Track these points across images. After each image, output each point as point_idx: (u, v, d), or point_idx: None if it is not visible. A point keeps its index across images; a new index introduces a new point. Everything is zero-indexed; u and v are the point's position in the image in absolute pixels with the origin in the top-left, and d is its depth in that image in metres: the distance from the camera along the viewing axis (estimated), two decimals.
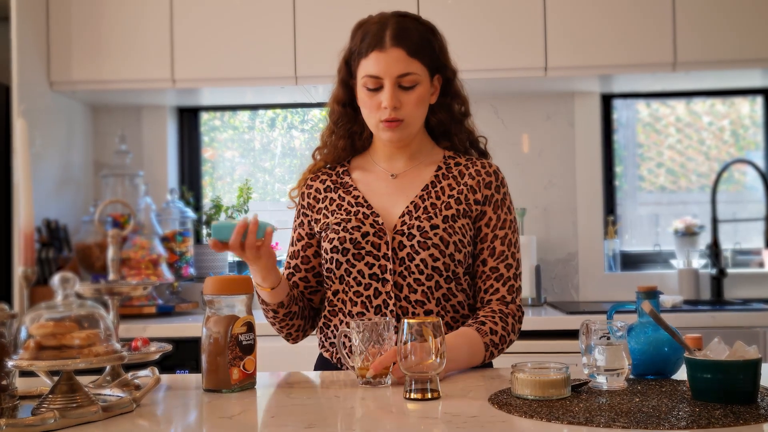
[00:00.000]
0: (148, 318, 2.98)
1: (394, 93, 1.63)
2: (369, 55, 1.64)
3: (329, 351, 1.74)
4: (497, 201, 1.73)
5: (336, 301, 1.71)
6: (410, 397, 1.32)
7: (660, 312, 1.46)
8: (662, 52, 2.98)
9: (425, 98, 1.68)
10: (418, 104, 1.66)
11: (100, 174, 3.34)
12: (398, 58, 1.63)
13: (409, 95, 1.65)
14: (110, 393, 1.34)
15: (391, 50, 1.63)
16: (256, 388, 1.46)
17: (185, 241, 3.26)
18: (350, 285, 1.67)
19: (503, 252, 1.71)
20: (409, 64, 1.63)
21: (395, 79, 1.63)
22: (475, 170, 1.75)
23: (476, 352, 1.60)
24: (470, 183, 1.73)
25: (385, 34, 1.64)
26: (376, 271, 1.65)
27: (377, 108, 1.66)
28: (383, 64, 1.63)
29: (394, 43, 1.63)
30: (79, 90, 3.18)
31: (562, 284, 3.39)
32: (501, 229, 1.72)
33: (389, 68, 1.63)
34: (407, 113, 1.66)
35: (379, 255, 1.65)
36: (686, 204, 3.59)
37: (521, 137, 3.44)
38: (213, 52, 3.10)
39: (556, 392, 1.28)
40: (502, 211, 1.73)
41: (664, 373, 1.47)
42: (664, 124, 3.61)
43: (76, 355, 1.17)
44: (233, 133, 3.75)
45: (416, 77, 1.64)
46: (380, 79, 1.64)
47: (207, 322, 1.43)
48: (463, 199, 1.71)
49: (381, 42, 1.63)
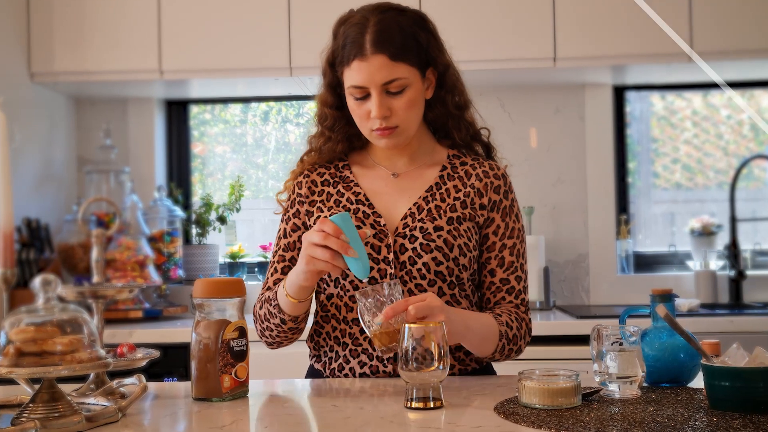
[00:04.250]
0: (135, 323, 2.98)
1: (381, 102, 1.61)
2: (351, 64, 1.62)
3: (321, 361, 1.72)
4: (506, 208, 1.72)
5: (329, 306, 1.69)
6: (411, 406, 1.32)
7: (675, 316, 1.46)
8: (678, 42, 2.98)
9: (417, 99, 1.66)
10: (410, 108, 1.64)
11: (83, 170, 3.34)
12: (381, 65, 1.59)
13: (399, 100, 1.62)
14: (94, 402, 1.34)
15: (373, 58, 1.59)
16: (248, 396, 1.46)
17: (174, 242, 3.25)
18: (346, 289, 1.66)
19: (512, 263, 1.71)
20: (394, 69, 1.60)
21: (381, 87, 1.61)
22: (483, 171, 1.74)
23: (490, 334, 1.60)
24: (477, 185, 1.72)
25: (364, 40, 1.60)
26: (375, 276, 1.64)
27: (367, 117, 1.64)
28: (366, 73, 1.60)
29: (375, 50, 1.59)
30: (61, 81, 3.17)
31: (571, 287, 3.39)
32: (510, 239, 1.71)
33: (373, 77, 1.60)
34: (400, 119, 1.64)
35: (378, 258, 1.64)
36: (703, 202, 3.59)
37: (529, 132, 3.44)
38: (203, 41, 3.10)
39: (566, 401, 1.28)
40: (510, 219, 1.72)
41: (680, 380, 1.47)
42: (679, 118, 3.61)
43: (59, 361, 1.17)
44: (224, 127, 3.75)
45: (403, 81, 1.61)
46: (365, 89, 1.62)
47: (196, 327, 1.43)
48: (469, 203, 1.70)
49: (361, 49, 1.60)
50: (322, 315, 1.71)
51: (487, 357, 1.65)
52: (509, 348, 1.65)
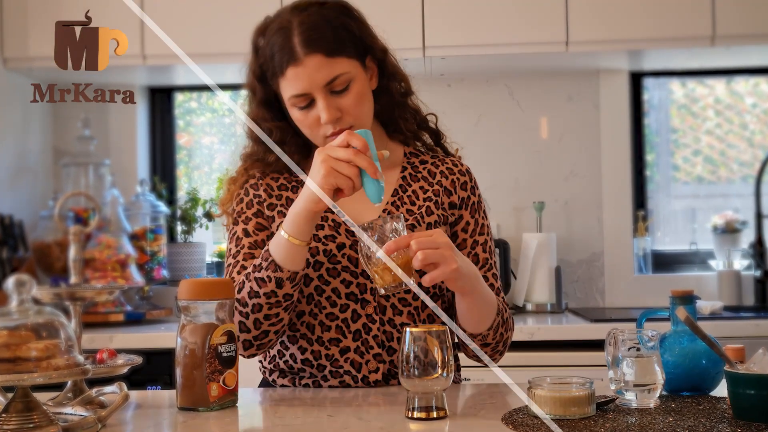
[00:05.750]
0: (115, 326, 2.98)
1: (328, 104, 1.58)
2: (285, 72, 1.58)
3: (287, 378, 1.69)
4: (474, 204, 1.74)
5: (300, 326, 1.65)
6: (413, 416, 1.32)
7: (697, 319, 1.46)
8: (699, 25, 2.98)
9: (365, 92, 1.63)
10: (360, 102, 1.61)
11: (60, 163, 3.34)
12: (319, 65, 1.57)
13: (347, 97, 1.59)
14: (72, 412, 1.34)
15: (307, 60, 1.56)
16: (237, 406, 1.46)
17: (157, 240, 3.25)
18: (322, 306, 1.63)
19: (487, 260, 1.72)
20: (333, 66, 1.57)
21: (324, 89, 1.58)
22: (447, 168, 1.75)
23: (490, 302, 1.60)
24: (444, 183, 1.73)
25: (293, 44, 1.57)
26: (354, 290, 1.62)
27: (318, 124, 1.60)
28: (304, 78, 1.57)
29: (307, 51, 1.56)
30: (36, 67, 3.16)
31: (585, 288, 3.39)
32: (480, 235, 1.73)
33: (313, 80, 1.57)
34: (353, 117, 1.61)
35: (357, 271, 1.62)
36: (727, 197, 3.59)
37: (539, 121, 3.43)
38: (189, 23, 3.09)
39: (579, 411, 1.28)
40: (479, 215, 1.74)
41: (702, 388, 1.47)
42: (701, 107, 3.61)
43: (33, 368, 1.17)
44: (212, 117, 3.75)
45: (346, 76, 1.59)
46: (308, 95, 1.59)
47: (182, 332, 1.43)
48: (440, 203, 1.71)
49: (292, 54, 1.57)
50: (290, 335, 1.66)
51: (480, 333, 1.62)
52: (501, 332, 1.64)
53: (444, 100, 3.15)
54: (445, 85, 3.42)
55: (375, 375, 1.63)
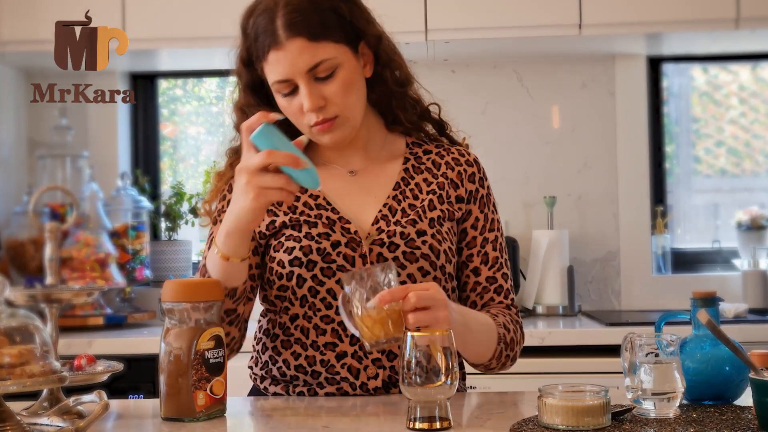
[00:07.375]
0: (95, 331, 2.98)
1: (311, 91, 1.58)
2: (267, 57, 1.59)
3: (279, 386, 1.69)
4: (482, 197, 1.75)
5: (294, 330, 1.66)
6: (414, 426, 1.32)
7: (720, 323, 1.46)
8: (723, 6, 2.98)
9: (353, 80, 1.63)
10: (347, 91, 1.61)
11: (35, 155, 3.34)
12: (300, 50, 1.57)
13: (331, 85, 1.59)
14: (48, 422, 1.34)
15: (289, 44, 1.57)
16: (226, 416, 1.46)
17: (139, 237, 3.26)
18: (316, 308, 1.64)
19: (497, 259, 1.73)
20: (316, 50, 1.57)
21: (307, 75, 1.58)
22: (453, 159, 1.75)
23: (489, 336, 1.61)
24: (450, 175, 1.73)
25: (276, 26, 1.58)
26: None
27: (301, 112, 1.61)
28: (286, 62, 1.57)
29: (290, 34, 1.57)
30: (8, 52, 3.17)
31: (600, 289, 3.39)
32: (491, 231, 1.74)
33: (294, 65, 1.57)
34: (338, 106, 1.61)
35: None
36: (752, 191, 3.59)
37: (550, 110, 3.44)
38: (174, 4, 3.09)
39: (593, 421, 1.28)
40: (488, 209, 1.75)
41: (725, 397, 1.47)
42: (724, 94, 3.61)
43: (6, 375, 1.17)
44: (198, 105, 3.75)
45: (331, 62, 1.59)
46: (290, 81, 1.59)
47: (166, 336, 1.43)
48: (445, 197, 1.71)
49: (274, 37, 1.58)
50: (284, 339, 1.67)
51: (482, 364, 1.65)
52: (506, 354, 1.65)
53: (448, 87, 3.16)
54: (449, 71, 3.41)
55: (374, 382, 1.63)
